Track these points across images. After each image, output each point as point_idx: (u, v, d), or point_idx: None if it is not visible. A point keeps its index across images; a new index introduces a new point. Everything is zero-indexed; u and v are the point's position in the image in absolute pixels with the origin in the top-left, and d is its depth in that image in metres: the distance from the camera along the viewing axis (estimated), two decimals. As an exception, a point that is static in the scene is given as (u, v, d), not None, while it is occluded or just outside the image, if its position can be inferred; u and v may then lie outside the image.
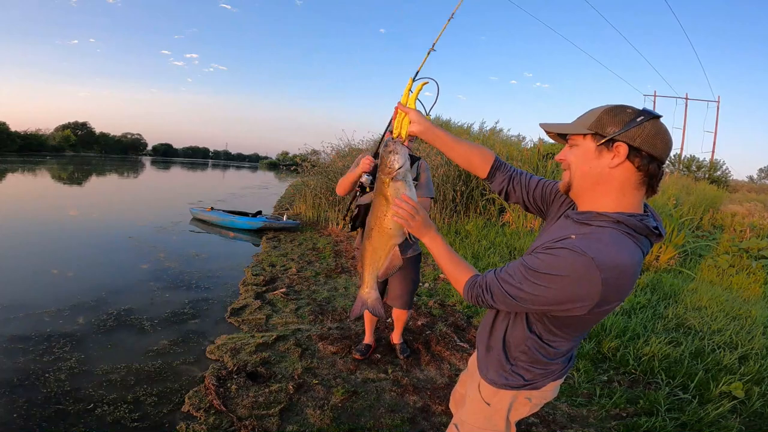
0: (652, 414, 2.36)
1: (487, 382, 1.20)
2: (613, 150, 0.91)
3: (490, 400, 1.22)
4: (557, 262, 0.89)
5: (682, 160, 21.30)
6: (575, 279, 0.87)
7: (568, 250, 0.88)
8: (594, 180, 0.95)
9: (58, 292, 3.83)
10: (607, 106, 0.94)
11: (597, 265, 0.85)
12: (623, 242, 0.90)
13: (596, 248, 0.87)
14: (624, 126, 0.90)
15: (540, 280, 0.91)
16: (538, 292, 0.92)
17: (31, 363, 2.58)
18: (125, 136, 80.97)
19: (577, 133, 0.96)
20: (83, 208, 9.79)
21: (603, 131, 0.92)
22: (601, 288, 0.86)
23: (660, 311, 3.88)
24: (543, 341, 1.08)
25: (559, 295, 0.90)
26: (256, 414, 2.16)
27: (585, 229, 0.94)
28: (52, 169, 21.35)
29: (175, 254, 5.53)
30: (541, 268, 0.91)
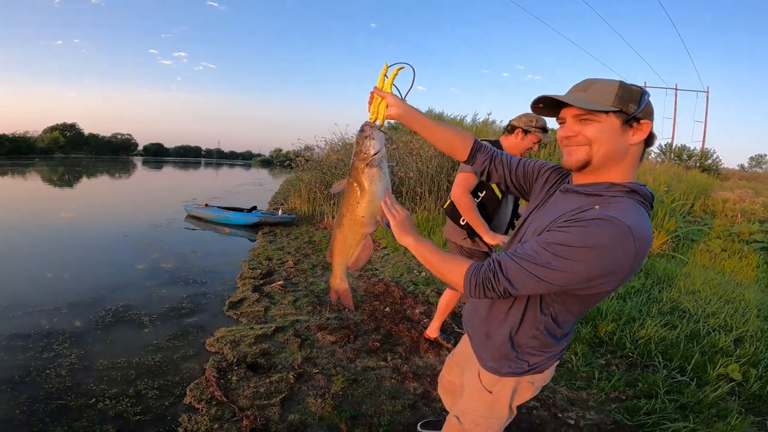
0: (651, 396, 2.38)
1: (488, 370, 1.17)
2: (638, 127, 0.93)
3: (491, 388, 1.19)
4: (593, 234, 0.85)
5: (673, 150, 21.49)
6: (613, 249, 0.84)
7: (602, 220, 0.85)
8: (620, 156, 0.95)
9: (55, 291, 3.82)
10: (615, 82, 0.93)
11: (633, 233, 0.84)
12: (642, 212, 0.92)
13: (630, 217, 0.86)
14: (639, 104, 0.92)
15: (573, 254, 0.86)
16: (571, 268, 0.87)
17: (32, 360, 2.58)
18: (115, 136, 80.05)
19: (600, 110, 0.93)
20: (76, 209, 9.71)
21: (627, 109, 0.91)
22: (633, 259, 0.86)
23: (654, 295, 3.93)
24: (556, 322, 1.06)
25: (594, 268, 0.86)
26: (258, 404, 2.17)
27: (600, 200, 0.94)
28: (42, 172, 21.11)
29: (171, 251, 5.52)
30: (574, 243, 0.86)
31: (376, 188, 1.14)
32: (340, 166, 8.27)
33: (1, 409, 2.12)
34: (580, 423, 2.15)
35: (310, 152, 10.04)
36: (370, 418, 2.11)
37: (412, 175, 7.06)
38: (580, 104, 0.94)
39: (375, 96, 1.19)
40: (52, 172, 21.89)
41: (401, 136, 8.35)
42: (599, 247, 0.85)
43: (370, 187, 1.13)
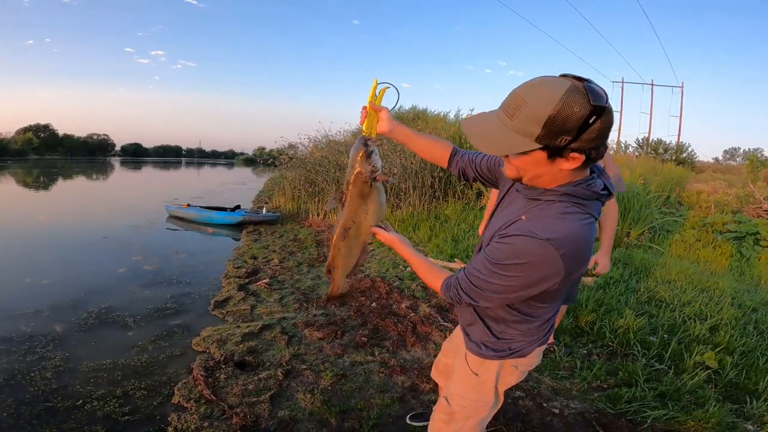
0: (631, 385, 2.43)
1: (473, 353, 1.24)
2: (569, 158, 0.86)
3: (477, 370, 1.25)
4: (516, 251, 0.91)
5: (649, 143, 22.08)
6: (537, 262, 0.89)
7: (522, 237, 0.90)
8: (549, 179, 0.94)
9: (34, 294, 3.74)
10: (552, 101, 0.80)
11: (552, 244, 0.87)
12: (571, 213, 0.92)
13: (548, 228, 0.89)
14: (576, 133, 0.81)
15: (505, 270, 0.93)
16: (507, 282, 0.94)
17: (15, 363, 2.56)
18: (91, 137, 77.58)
19: (530, 149, 0.86)
20: (53, 211, 9.47)
21: (554, 143, 0.83)
22: (563, 263, 0.88)
23: (633, 285, 4.04)
24: (524, 315, 1.12)
25: (527, 280, 0.92)
26: (247, 401, 2.18)
27: (534, 205, 0.97)
28: (17, 174, 20.46)
29: (153, 252, 5.45)
30: (503, 259, 0.92)
31: (382, 199, 1.23)
32: (324, 164, 8.25)
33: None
34: (565, 412, 2.20)
35: (293, 150, 9.98)
36: (360, 411, 2.14)
37: (396, 171, 7.10)
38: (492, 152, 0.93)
39: (369, 111, 1.24)
40: (27, 174, 21.26)
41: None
42: (524, 261, 0.90)
43: (378, 198, 1.21)
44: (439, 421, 1.37)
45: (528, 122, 0.83)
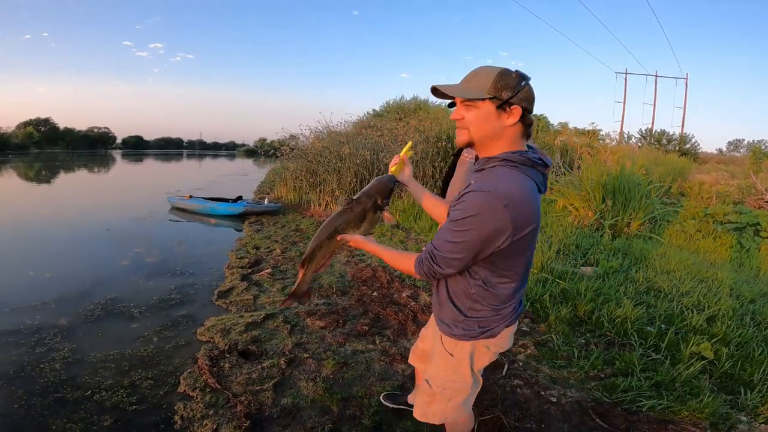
0: (627, 374, 2.46)
1: (447, 335, 1.34)
2: (510, 111, 1.09)
3: (452, 351, 1.35)
4: (467, 206, 1.05)
5: (653, 134, 21.99)
6: (484, 213, 1.03)
7: (471, 193, 1.06)
8: (494, 136, 1.13)
9: (40, 287, 3.80)
10: (495, 71, 1.08)
11: (494, 195, 1.03)
12: (512, 175, 1.09)
13: (491, 184, 1.06)
14: (514, 90, 1.06)
15: (461, 226, 1.06)
16: (464, 237, 1.06)
17: (25, 355, 2.60)
18: (92, 130, 77.04)
19: (477, 98, 1.09)
20: (56, 205, 9.53)
21: (500, 95, 1.07)
22: (508, 214, 1.03)
23: (632, 275, 4.07)
24: (488, 286, 1.20)
25: (481, 233, 1.05)
26: (251, 389, 2.23)
27: (480, 175, 1.13)
28: (18, 168, 20.48)
29: (157, 243, 5.51)
30: (458, 217, 1.07)
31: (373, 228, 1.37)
32: (325, 154, 8.26)
33: (0, 404, 2.14)
34: (562, 400, 2.24)
35: (294, 141, 9.97)
36: (361, 399, 2.19)
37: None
38: (458, 95, 1.12)
39: (401, 161, 1.53)
40: (29, 168, 21.26)
41: (385, 123, 8.37)
42: (474, 214, 1.04)
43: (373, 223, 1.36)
44: (423, 404, 1.47)
45: (480, 82, 1.09)
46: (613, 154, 9.16)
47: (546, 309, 3.27)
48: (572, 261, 4.39)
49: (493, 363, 2.48)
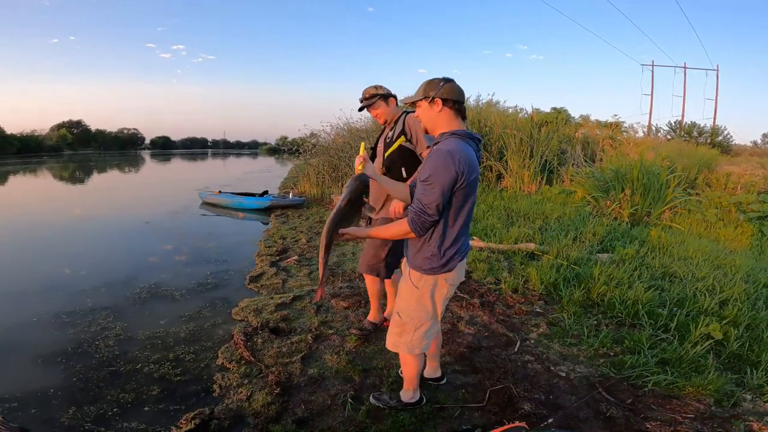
0: (635, 352, 2.54)
1: (415, 269, 1.71)
2: (435, 103, 1.62)
3: (417, 284, 1.73)
4: (433, 163, 1.52)
5: (683, 127, 21.39)
6: (446, 164, 1.49)
7: (432, 155, 1.55)
8: (433, 121, 1.66)
9: (91, 273, 4.17)
10: (427, 80, 1.65)
11: (447, 150, 1.51)
12: (458, 142, 1.58)
13: (444, 146, 1.55)
14: (436, 89, 1.61)
15: (433, 178, 1.51)
16: (438, 184, 1.50)
17: (81, 333, 2.87)
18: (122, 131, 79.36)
19: (417, 100, 1.66)
20: (97, 201, 10.17)
21: (428, 95, 1.62)
22: (459, 164, 1.50)
23: (647, 261, 4.10)
24: (449, 225, 1.62)
25: (447, 178, 1.50)
26: (281, 362, 2.44)
27: (439, 144, 1.60)
28: (54, 169, 21.48)
29: (191, 234, 5.91)
30: (429, 172, 1.52)
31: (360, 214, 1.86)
32: (346, 149, 8.49)
33: (61, 378, 2.36)
34: (571, 375, 2.36)
35: (315, 138, 10.24)
36: (381, 370, 2.37)
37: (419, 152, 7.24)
38: (409, 100, 1.71)
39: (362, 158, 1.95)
40: (64, 169, 22.28)
41: (405, 119, 8.51)
42: (437, 165, 1.52)
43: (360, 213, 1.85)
44: (394, 335, 1.84)
45: (420, 90, 1.67)
46: (636, 146, 9.05)
47: (559, 292, 3.39)
48: (588, 248, 4.47)
49: (506, 339, 2.69)
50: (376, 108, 2.58)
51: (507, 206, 6.37)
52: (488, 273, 3.84)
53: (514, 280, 3.64)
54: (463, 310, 3.14)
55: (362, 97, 2.59)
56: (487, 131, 8.50)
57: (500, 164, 8.26)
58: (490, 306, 3.24)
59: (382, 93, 2.56)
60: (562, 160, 8.95)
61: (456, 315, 3.09)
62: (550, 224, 5.39)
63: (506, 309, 3.23)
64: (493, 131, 8.41)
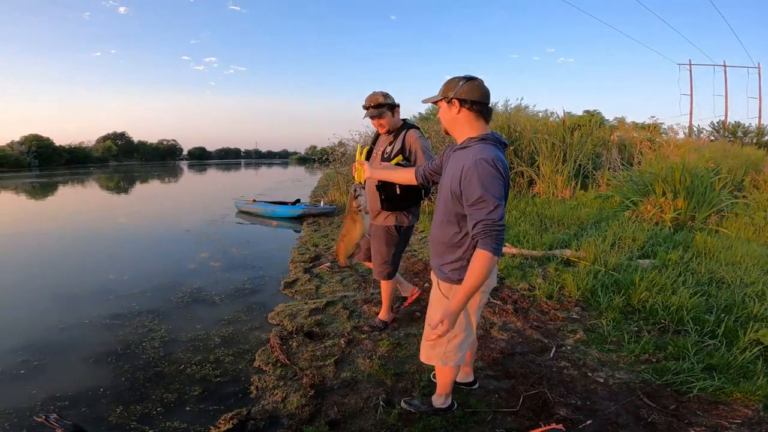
0: (679, 358, 2.45)
1: (444, 280, 1.66)
2: (452, 104, 1.56)
3: (447, 294, 1.66)
4: (480, 175, 1.43)
5: (726, 127, 20.39)
6: (491, 174, 1.44)
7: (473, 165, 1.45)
8: (452, 123, 1.61)
9: (137, 278, 4.39)
10: (447, 80, 1.59)
11: (487, 159, 1.45)
12: (489, 147, 1.51)
13: (482, 154, 1.46)
14: (454, 89, 1.54)
15: (487, 193, 1.43)
16: (495, 195, 1.43)
17: (129, 335, 3.02)
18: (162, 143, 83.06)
19: (436, 100, 1.61)
20: (142, 210, 10.70)
21: (446, 95, 1.56)
22: (501, 168, 1.46)
23: (692, 267, 3.92)
24: None
25: (499, 185, 1.45)
26: (315, 365, 2.49)
27: (468, 149, 1.54)
28: (101, 180, 22.70)
29: (229, 242, 6.13)
30: (479, 189, 1.43)
31: (366, 222, 2.11)
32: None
33: (110, 377, 2.48)
34: (609, 381, 2.29)
35: (344, 147, 10.40)
36: (412, 375, 2.38)
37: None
38: (428, 101, 1.67)
39: (357, 166, 2.06)
40: (110, 179, 23.54)
41: (432, 126, 8.54)
42: (486, 178, 1.44)
43: (363, 221, 2.09)
44: (427, 348, 1.79)
45: (440, 92, 1.61)
46: (678, 148, 8.68)
47: (597, 299, 3.30)
48: (628, 254, 4.32)
49: (541, 345, 2.65)
50: (383, 118, 2.59)
51: (540, 212, 6.25)
52: (522, 279, 3.78)
53: (548, 286, 3.57)
54: (496, 316, 3.10)
55: (369, 103, 2.57)
56: (517, 136, 8.39)
57: (532, 170, 8.12)
58: (524, 312, 3.20)
59: (390, 103, 2.58)
60: (598, 164, 8.70)
61: (489, 321, 3.06)
62: (587, 230, 5.24)
63: (541, 315, 3.18)
64: (523, 136, 8.30)
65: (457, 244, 1.60)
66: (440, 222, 1.66)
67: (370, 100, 2.57)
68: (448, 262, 1.64)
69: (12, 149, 41.38)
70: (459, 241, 1.60)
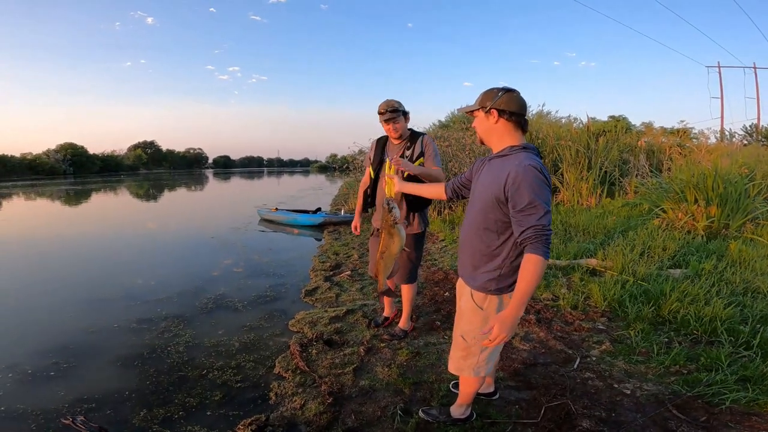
0: (712, 370, 2.36)
1: (479, 290, 1.63)
2: (491, 114, 1.57)
3: (482, 305, 1.64)
4: (528, 182, 1.43)
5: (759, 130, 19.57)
6: (540, 180, 1.45)
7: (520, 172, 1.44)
8: (488, 132, 1.61)
9: (163, 284, 4.52)
10: (485, 90, 1.60)
11: (534, 167, 1.45)
12: (533, 155, 1.53)
13: (527, 161, 1.47)
14: (493, 100, 1.56)
15: (537, 199, 1.43)
16: (543, 201, 1.44)
17: (155, 339, 3.11)
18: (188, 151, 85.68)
19: (473, 110, 1.63)
20: (168, 217, 11.08)
21: (484, 105, 1.57)
22: (545, 176, 1.47)
23: (726, 276, 3.77)
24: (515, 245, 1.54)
25: (547, 192, 1.46)
26: (334, 372, 2.49)
27: (507, 159, 1.54)
28: (131, 187, 23.56)
29: (251, 249, 6.25)
30: (529, 195, 1.43)
31: (403, 234, 2.02)
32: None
33: (136, 380, 2.54)
34: (637, 393, 2.21)
35: (364, 155, 10.47)
36: (431, 384, 2.35)
37: (465, 170, 7.21)
38: (464, 110, 1.68)
39: (387, 180, 2.13)
40: (140, 187, 24.39)
41: (452, 134, 8.50)
42: (535, 185, 1.43)
43: (400, 234, 2.02)
44: (459, 359, 1.75)
45: (477, 100, 1.62)
46: (709, 153, 8.36)
47: (625, 309, 3.20)
48: (658, 263, 4.17)
49: (564, 356, 2.59)
50: (398, 122, 2.67)
51: (564, 221, 6.12)
52: (545, 289, 3.70)
53: (573, 296, 3.48)
54: (518, 327, 3.04)
55: (386, 108, 2.66)
56: (539, 143, 8.27)
57: (555, 177, 7.97)
58: (547, 322, 3.12)
59: (403, 110, 2.70)
60: (624, 171, 8.46)
61: (510, 330, 2.99)
62: (613, 239, 5.10)
63: (565, 326, 3.09)
64: (546, 143, 8.17)
65: (494, 253, 1.58)
66: (476, 231, 1.63)
67: (387, 105, 2.67)
68: (485, 272, 1.61)
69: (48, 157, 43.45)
70: (497, 249, 1.57)
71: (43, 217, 11.57)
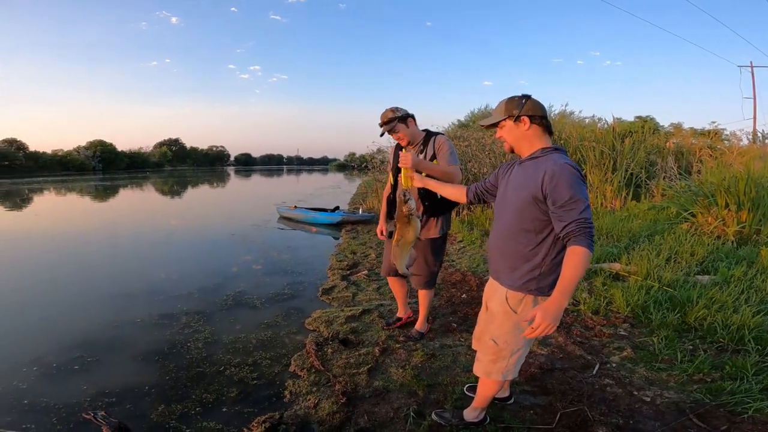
0: (737, 379, 2.29)
1: (517, 290, 1.61)
2: (522, 121, 1.58)
3: (516, 308, 1.62)
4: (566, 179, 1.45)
5: (792, 132, 18.66)
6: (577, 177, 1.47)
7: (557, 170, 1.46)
8: (521, 139, 1.61)
9: (185, 280, 4.63)
10: (505, 100, 1.61)
11: (569, 165, 1.47)
12: (564, 156, 1.55)
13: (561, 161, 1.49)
14: (519, 107, 1.57)
15: (576, 194, 1.44)
16: (583, 196, 1.45)
17: (176, 335, 3.16)
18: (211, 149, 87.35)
19: (500, 120, 1.62)
20: (190, 213, 11.36)
21: (512, 113, 1.58)
22: (580, 173, 1.48)
23: (757, 284, 3.62)
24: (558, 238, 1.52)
25: (584, 188, 1.47)
26: (349, 372, 2.50)
27: (539, 160, 1.56)
28: (157, 184, 24.18)
29: (271, 247, 6.35)
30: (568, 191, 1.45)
31: (417, 225, 2.14)
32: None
33: (155, 376, 2.58)
34: (657, 401, 2.16)
35: (382, 154, 10.46)
36: (446, 386, 2.33)
37: (485, 170, 7.12)
38: (490, 122, 1.68)
39: (404, 170, 2.15)
40: (165, 183, 25.02)
41: (472, 134, 8.42)
42: (573, 182, 1.45)
43: (415, 224, 2.12)
44: (488, 363, 1.73)
45: (500, 110, 1.63)
46: (741, 156, 8.02)
47: (649, 315, 3.11)
48: (685, 269, 4.04)
49: (583, 362, 2.53)
50: (397, 131, 2.61)
51: (587, 222, 5.97)
52: (565, 292, 3.61)
53: (594, 301, 3.40)
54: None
55: (380, 122, 2.62)
56: (562, 144, 8.09)
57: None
58: (567, 327, 3.06)
59: (399, 115, 2.59)
60: (652, 173, 8.20)
61: (528, 334, 2.95)
62: (639, 243, 4.95)
63: (585, 331, 3.03)
64: (569, 143, 7.99)
65: (533, 252, 1.57)
66: (511, 234, 1.62)
67: (381, 117, 2.63)
68: (524, 272, 1.60)
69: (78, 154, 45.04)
70: (535, 248, 1.57)
71: (72, 212, 12.03)
